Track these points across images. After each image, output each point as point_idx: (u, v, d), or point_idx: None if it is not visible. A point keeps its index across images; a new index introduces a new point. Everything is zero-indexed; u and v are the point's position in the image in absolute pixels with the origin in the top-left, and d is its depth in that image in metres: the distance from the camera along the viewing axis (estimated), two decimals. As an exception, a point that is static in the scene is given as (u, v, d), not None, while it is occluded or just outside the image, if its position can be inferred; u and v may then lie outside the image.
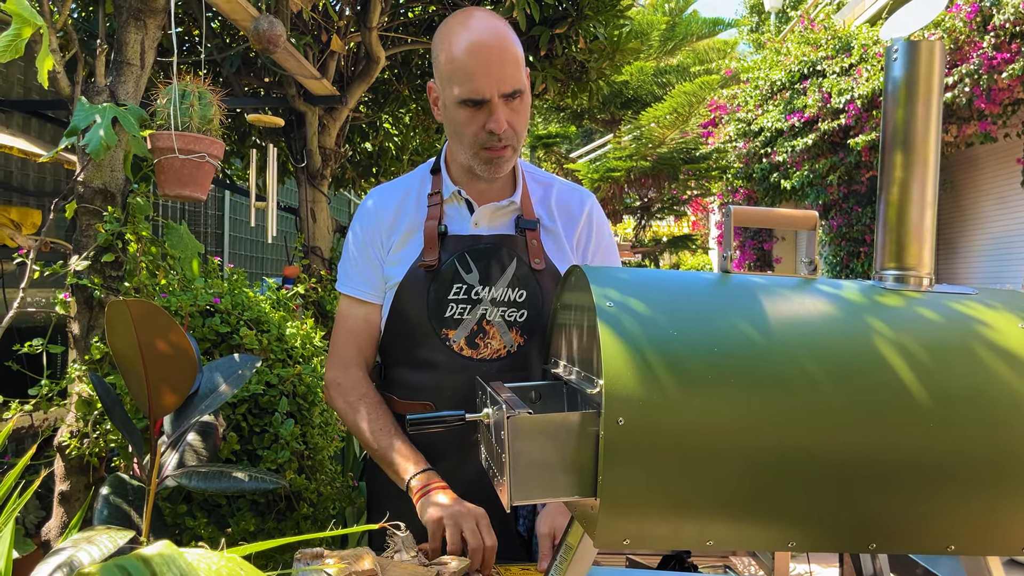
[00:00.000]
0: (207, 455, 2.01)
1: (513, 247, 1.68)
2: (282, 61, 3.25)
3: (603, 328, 1.05)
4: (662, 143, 12.45)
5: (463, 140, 1.63)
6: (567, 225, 1.76)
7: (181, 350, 1.79)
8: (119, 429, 1.87)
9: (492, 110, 1.56)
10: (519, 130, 1.63)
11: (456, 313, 1.66)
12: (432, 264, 1.66)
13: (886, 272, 1.27)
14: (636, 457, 1.00)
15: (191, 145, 2.17)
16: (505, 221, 1.73)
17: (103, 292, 2.21)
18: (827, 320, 1.19)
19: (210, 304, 2.21)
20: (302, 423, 2.26)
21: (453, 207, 1.73)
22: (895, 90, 1.26)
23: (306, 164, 3.95)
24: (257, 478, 1.87)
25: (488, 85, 1.54)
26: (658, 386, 1.01)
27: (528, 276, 1.67)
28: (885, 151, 1.26)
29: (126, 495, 1.96)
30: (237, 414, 2.18)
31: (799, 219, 1.40)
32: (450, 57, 1.56)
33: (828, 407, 1.05)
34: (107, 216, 2.20)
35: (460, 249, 1.67)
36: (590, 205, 1.81)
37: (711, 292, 1.28)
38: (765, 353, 1.08)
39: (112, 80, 2.28)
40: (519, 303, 1.67)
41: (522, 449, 1.10)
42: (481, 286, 1.66)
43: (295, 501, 2.18)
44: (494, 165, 1.64)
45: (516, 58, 1.58)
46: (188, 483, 1.84)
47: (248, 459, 2.18)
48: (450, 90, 1.58)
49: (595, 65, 4.17)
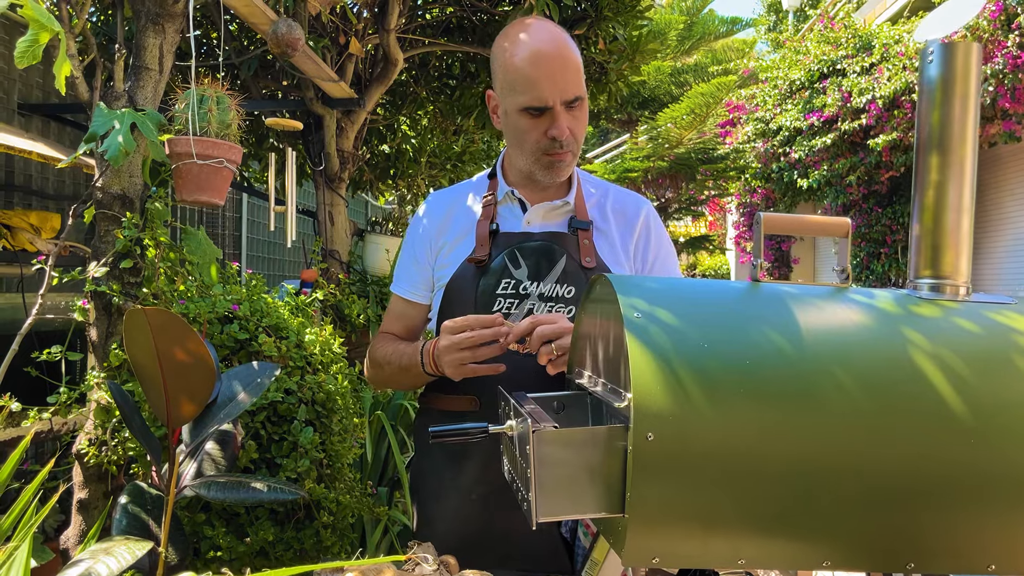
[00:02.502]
0: (225, 464, 1.99)
1: (564, 244, 1.69)
2: (300, 64, 3.23)
3: (631, 340, 1.02)
4: (679, 143, 12.38)
5: (524, 147, 1.64)
6: (623, 229, 1.76)
7: (199, 359, 1.77)
8: (137, 438, 1.86)
9: (554, 117, 1.58)
10: (579, 136, 1.65)
11: (504, 308, 1.66)
12: (482, 259, 1.68)
13: (921, 281, 1.24)
14: (666, 473, 0.98)
15: (209, 150, 2.15)
16: (558, 220, 1.74)
17: (121, 298, 2.19)
18: (861, 331, 1.15)
19: (228, 311, 2.19)
20: (321, 431, 2.24)
21: (507, 207, 1.75)
22: (931, 91, 1.22)
23: (324, 167, 3.93)
24: (276, 488, 1.86)
25: (551, 93, 1.55)
26: (688, 400, 0.99)
27: (577, 273, 1.67)
28: (920, 154, 1.23)
29: (144, 504, 1.95)
30: (256, 422, 2.16)
31: (831, 226, 1.37)
32: (512, 66, 1.58)
33: (864, 422, 1.02)
34: (125, 222, 2.19)
35: (510, 245, 1.68)
36: (646, 210, 1.81)
37: (741, 302, 1.24)
38: (798, 366, 1.05)
39: (131, 85, 2.27)
40: (567, 299, 1.66)
41: (548, 464, 1.07)
42: (530, 282, 1.66)
43: (315, 510, 2.16)
44: (555, 169, 1.66)
45: (577, 66, 1.60)
46: (207, 493, 1.83)
47: (267, 467, 2.16)
48: (512, 98, 1.60)
49: (615, 66, 4.13)
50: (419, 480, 1.81)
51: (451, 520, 1.68)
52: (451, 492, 1.69)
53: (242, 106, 2.25)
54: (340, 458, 2.26)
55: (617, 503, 1.03)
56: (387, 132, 5.05)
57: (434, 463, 1.74)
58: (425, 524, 1.74)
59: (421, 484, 1.80)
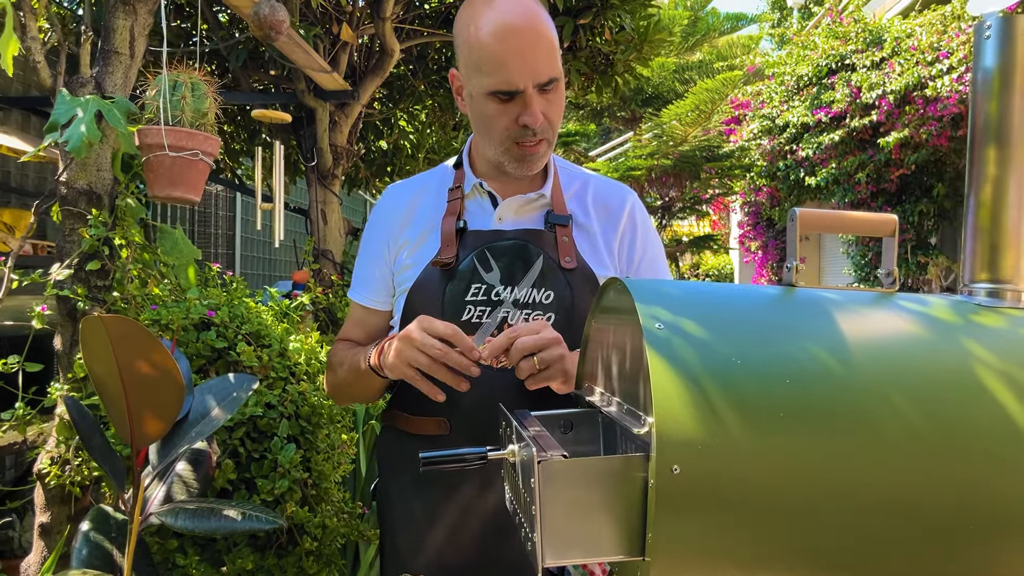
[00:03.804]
0: (198, 487, 1.81)
1: (540, 243, 1.48)
2: (289, 53, 3.04)
3: (652, 355, 0.90)
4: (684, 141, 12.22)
5: (492, 135, 1.44)
6: (605, 224, 1.56)
7: (165, 372, 1.59)
8: (96, 459, 1.67)
9: (526, 102, 1.38)
10: (555, 122, 1.44)
11: (474, 316, 1.46)
12: (448, 262, 1.47)
13: (977, 285, 1.12)
14: (694, 511, 0.86)
15: (183, 141, 1.96)
16: (533, 216, 1.53)
17: (87, 303, 2.01)
18: (917, 344, 1.03)
19: (204, 316, 2.01)
20: (305, 448, 2.05)
21: (475, 201, 1.54)
22: (987, 74, 1.10)
23: (316, 163, 3.75)
24: (252, 516, 1.67)
25: (522, 74, 1.35)
26: (720, 426, 0.87)
27: (556, 275, 1.47)
28: (975, 146, 1.10)
29: (109, 531, 1.78)
30: (234, 439, 1.98)
31: (876, 223, 1.21)
32: (477, 43, 1.37)
33: (923, 450, 0.91)
34: (92, 220, 2.00)
35: (480, 245, 1.48)
36: (631, 203, 1.60)
37: (777, 310, 1.10)
38: (846, 385, 0.93)
39: (98, 70, 2.08)
40: (545, 305, 1.46)
41: (555, 499, 0.94)
42: (503, 286, 1.46)
43: (297, 535, 1.97)
44: (527, 162, 1.46)
45: (551, 43, 1.39)
46: (174, 522, 1.64)
47: (246, 488, 1.98)
48: (477, 80, 1.39)
49: (621, 57, 3.95)
50: (385, 507, 1.62)
51: (422, 552, 1.49)
52: (421, 521, 1.50)
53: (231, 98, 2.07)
54: (326, 477, 2.07)
55: (636, 545, 0.91)
56: (384, 127, 4.86)
57: (402, 488, 1.55)
58: (393, 556, 1.56)
59: (387, 512, 1.61)
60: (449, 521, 1.48)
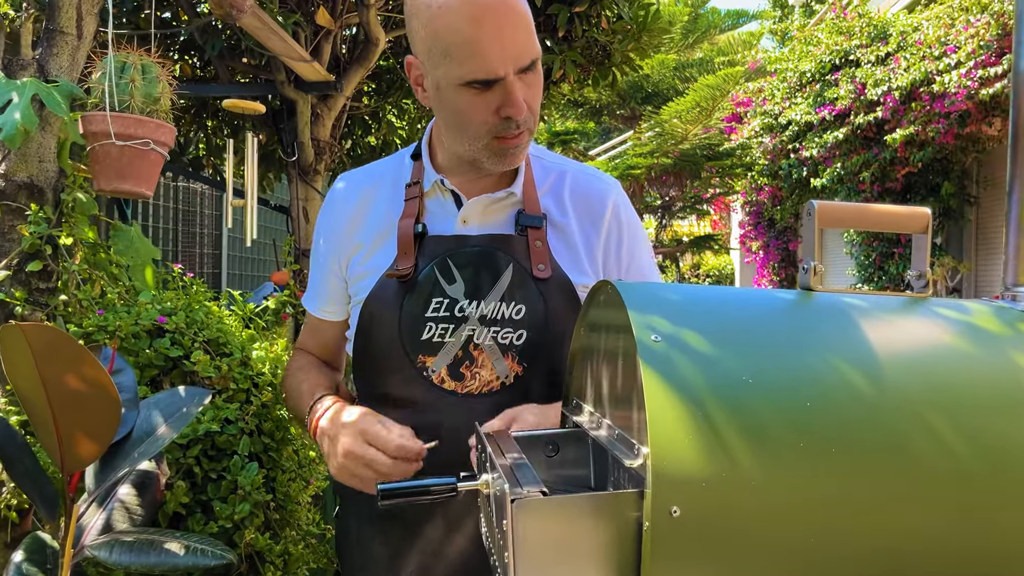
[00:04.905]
0: (143, 514, 1.63)
1: (510, 250, 1.30)
2: (264, 40, 2.86)
3: (648, 373, 0.78)
4: (684, 139, 12.07)
5: (468, 130, 1.24)
6: (585, 222, 1.37)
7: (99, 387, 1.41)
8: (20, 486, 1.49)
9: (508, 90, 1.18)
10: (536, 109, 1.25)
11: (435, 335, 1.28)
12: (406, 273, 1.28)
13: (1021, 290, 1.01)
14: (696, 559, 0.75)
15: (131, 129, 1.77)
16: (502, 217, 1.34)
17: (27, 308, 1.82)
18: (958, 359, 0.89)
19: (154, 322, 1.82)
20: (269, 467, 1.86)
21: (436, 201, 1.34)
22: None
23: (297, 158, 3.56)
24: (197, 550, 1.48)
25: (501, 59, 1.15)
26: (728, 458, 0.75)
27: (528, 287, 1.28)
28: (1019, 137, 1.01)
29: (44, 562, 1.59)
30: (188, 458, 1.79)
31: (905, 218, 1.06)
32: (444, 25, 1.15)
33: (970, 486, 0.79)
34: (31, 216, 1.81)
35: (441, 253, 1.29)
36: (615, 197, 1.40)
37: (793, 319, 0.97)
38: (878, 408, 0.81)
39: (42, 52, 1.89)
40: (516, 321, 1.28)
41: (532, 544, 0.81)
42: (467, 300, 1.28)
43: (259, 563, 1.78)
44: (510, 156, 1.26)
45: (527, 18, 1.19)
46: (108, 557, 1.47)
47: (203, 512, 1.79)
48: (447, 68, 1.18)
49: (619, 48, 3.76)
50: (343, 541, 1.44)
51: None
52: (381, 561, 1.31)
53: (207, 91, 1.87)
54: (292, 499, 1.88)
55: (629, 596, 0.79)
56: (372, 122, 4.67)
57: (362, 520, 1.36)
58: None
59: (345, 546, 1.43)
60: (417, 561, 1.29)
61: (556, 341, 1.28)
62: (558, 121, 15.18)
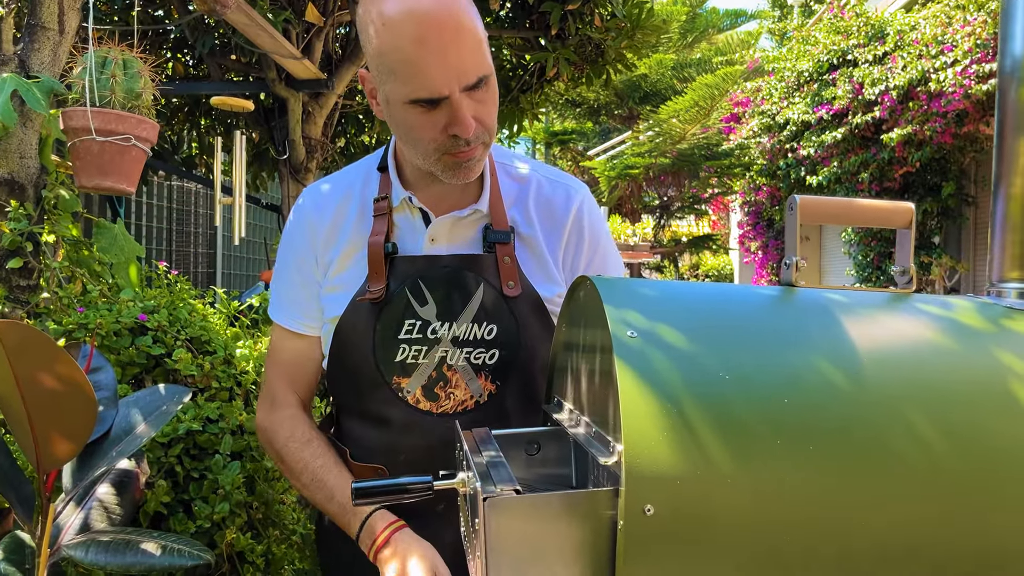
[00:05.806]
0: (122, 513, 1.61)
1: (479, 269, 1.29)
2: (253, 37, 2.84)
3: (623, 369, 0.77)
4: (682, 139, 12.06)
5: (418, 146, 1.22)
6: (549, 231, 1.35)
7: (74, 386, 1.39)
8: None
9: (454, 109, 1.15)
10: (489, 124, 1.21)
11: (409, 357, 1.28)
12: (378, 296, 1.27)
13: (1007, 285, 1.01)
14: (670, 559, 0.74)
15: (112, 125, 1.76)
16: (469, 235, 1.33)
17: (7, 305, 1.80)
18: (940, 355, 0.88)
19: (136, 320, 1.80)
20: (251, 466, 1.84)
21: (404, 217, 1.33)
22: (1015, 61, 1.00)
23: (288, 156, 3.54)
24: (174, 551, 1.46)
25: (445, 78, 1.12)
26: (703, 457, 0.74)
27: (499, 306, 1.28)
28: (1004, 136, 1.02)
29: (23, 561, 1.57)
30: (170, 456, 1.77)
31: (889, 213, 1.08)
32: (387, 44, 1.13)
33: (949, 482, 0.78)
34: (12, 212, 1.80)
35: (412, 275, 1.28)
36: (578, 202, 1.38)
37: (774, 315, 0.95)
38: (858, 405, 0.80)
39: (23, 48, 1.88)
40: (488, 341, 1.28)
41: (506, 542, 0.80)
42: (439, 322, 1.28)
43: (239, 564, 1.76)
44: (463, 170, 1.23)
45: (475, 34, 1.15)
46: (84, 557, 1.44)
47: (185, 512, 1.77)
48: (393, 86, 1.15)
49: (613, 45, 3.74)
50: (325, 543, 1.43)
51: None
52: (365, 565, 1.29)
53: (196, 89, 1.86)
54: (275, 499, 1.86)
55: (603, 596, 0.79)
56: (366, 120, 4.66)
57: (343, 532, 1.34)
58: None
59: (326, 549, 1.42)
60: None
61: (528, 358, 1.28)
62: (556, 121, 15.17)
